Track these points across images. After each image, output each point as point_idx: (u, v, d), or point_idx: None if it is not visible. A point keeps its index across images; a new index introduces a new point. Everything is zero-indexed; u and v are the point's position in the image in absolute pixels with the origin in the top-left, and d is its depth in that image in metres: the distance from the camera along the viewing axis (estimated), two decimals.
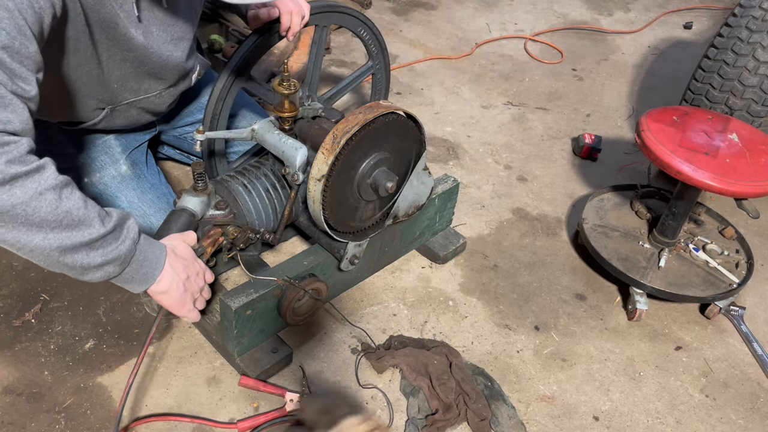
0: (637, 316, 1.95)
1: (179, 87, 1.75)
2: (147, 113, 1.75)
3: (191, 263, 1.42)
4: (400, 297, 1.98)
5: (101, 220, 1.19)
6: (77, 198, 1.16)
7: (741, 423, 1.73)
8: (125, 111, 1.67)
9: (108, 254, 1.20)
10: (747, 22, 2.26)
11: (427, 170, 1.79)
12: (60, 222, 1.12)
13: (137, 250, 1.26)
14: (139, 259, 1.27)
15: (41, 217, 1.10)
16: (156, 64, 1.57)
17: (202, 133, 1.58)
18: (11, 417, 1.56)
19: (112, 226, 1.20)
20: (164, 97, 1.72)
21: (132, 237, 1.25)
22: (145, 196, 1.76)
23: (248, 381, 1.64)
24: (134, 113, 1.71)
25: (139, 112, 1.72)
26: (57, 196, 1.12)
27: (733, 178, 1.73)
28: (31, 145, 1.13)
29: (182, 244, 1.44)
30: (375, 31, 2.00)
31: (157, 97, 1.70)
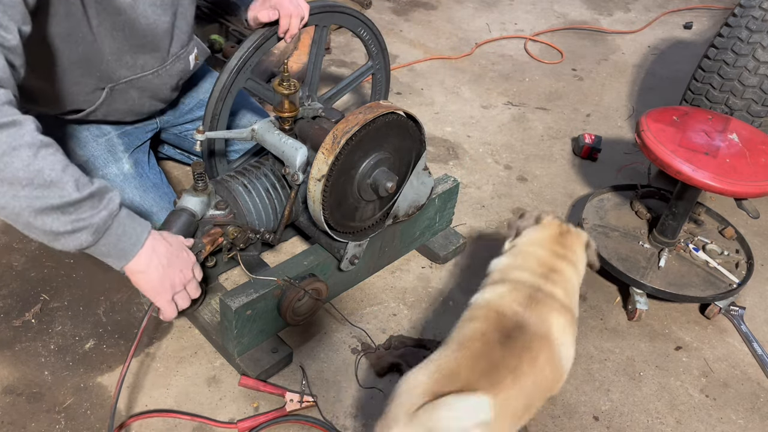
0: (637, 316, 1.95)
1: (176, 67, 1.73)
2: (148, 98, 1.74)
3: (178, 251, 1.35)
4: (400, 297, 1.98)
5: (77, 185, 1.13)
6: (55, 160, 1.11)
7: (741, 423, 1.73)
8: (124, 92, 1.66)
9: (80, 221, 1.14)
10: (747, 22, 2.26)
11: (427, 170, 1.79)
12: (31, 180, 1.07)
13: (115, 222, 1.20)
14: (117, 232, 1.21)
15: (12, 174, 1.05)
16: (145, 29, 1.55)
17: (202, 133, 1.58)
18: (11, 417, 1.56)
19: (88, 193, 1.15)
20: (162, 77, 1.71)
21: (110, 208, 1.19)
22: (146, 195, 1.76)
23: (248, 381, 1.64)
24: (135, 96, 1.70)
25: (139, 95, 1.71)
26: (32, 154, 1.07)
27: (733, 178, 1.73)
28: (9, 98, 1.08)
29: (173, 234, 1.40)
30: (375, 30, 2.00)
31: (155, 76, 1.68)
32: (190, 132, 2.06)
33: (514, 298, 1.34)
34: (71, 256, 1.99)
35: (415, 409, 1.13)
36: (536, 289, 1.36)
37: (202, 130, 1.57)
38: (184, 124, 2.05)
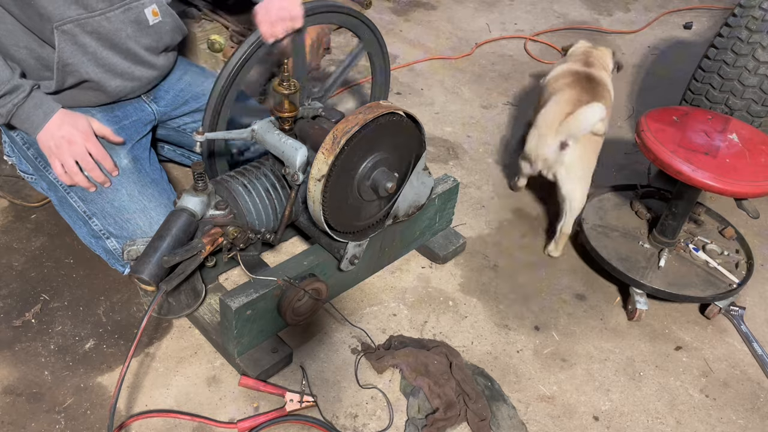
0: (637, 316, 1.95)
1: (128, 15, 1.71)
2: (108, 48, 1.71)
3: (74, 130, 1.67)
4: (400, 297, 1.98)
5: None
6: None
7: (741, 423, 1.73)
8: (77, 37, 1.64)
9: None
10: (747, 22, 2.26)
11: (427, 170, 1.79)
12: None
13: (19, 110, 1.62)
14: (21, 117, 1.64)
15: None
16: None
17: (202, 134, 1.58)
18: (11, 417, 1.56)
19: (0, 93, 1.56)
20: (113, 22, 1.68)
21: (15, 102, 1.60)
22: (145, 190, 1.76)
23: (248, 381, 1.64)
24: (92, 44, 1.68)
25: (97, 44, 1.69)
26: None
27: (733, 178, 1.73)
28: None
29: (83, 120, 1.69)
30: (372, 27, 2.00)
31: (103, 18, 1.66)
32: (190, 126, 2.06)
33: (576, 65, 2.28)
34: (71, 256, 1.99)
35: (557, 124, 2.03)
36: (586, 61, 2.31)
37: (201, 132, 1.57)
38: (181, 117, 2.04)
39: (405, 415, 1.65)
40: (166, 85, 1.98)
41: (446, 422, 1.62)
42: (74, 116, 1.69)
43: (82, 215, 1.75)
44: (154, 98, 1.96)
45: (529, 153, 2.14)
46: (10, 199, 2.15)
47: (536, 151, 2.09)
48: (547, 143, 2.04)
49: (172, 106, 2.00)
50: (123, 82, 1.81)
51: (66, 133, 1.66)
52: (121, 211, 1.72)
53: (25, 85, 1.62)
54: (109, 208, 1.72)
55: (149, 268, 1.45)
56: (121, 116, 1.86)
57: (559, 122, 2.01)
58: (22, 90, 1.61)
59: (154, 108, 1.96)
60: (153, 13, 1.78)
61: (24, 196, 2.14)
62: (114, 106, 1.86)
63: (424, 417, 1.63)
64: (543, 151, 2.06)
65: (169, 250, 1.48)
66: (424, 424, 1.61)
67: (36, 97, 1.64)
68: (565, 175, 2.05)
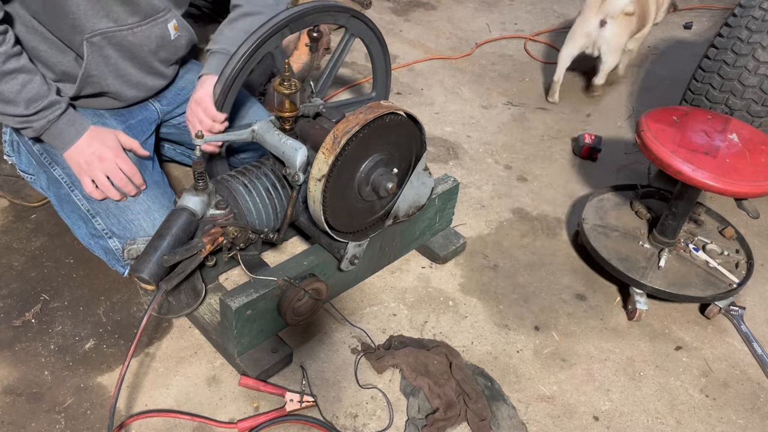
0: (637, 316, 1.95)
1: (153, 30, 1.75)
2: (129, 60, 1.74)
3: (104, 147, 1.68)
4: (400, 297, 1.98)
5: (27, 105, 1.57)
6: (14, 84, 1.54)
7: (741, 423, 1.73)
8: (102, 49, 1.67)
9: (24, 123, 1.61)
10: (747, 22, 2.26)
11: (428, 170, 1.79)
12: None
13: (52, 126, 1.64)
14: (54, 133, 1.65)
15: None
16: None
17: (201, 137, 1.57)
18: (11, 417, 1.56)
19: (35, 110, 1.59)
20: (138, 36, 1.72)
21: (49, 118, 1.62)
22: (149, 191, 1.77)
23: (248, 381, 1.64)
24: (114, 56, 1.71)
25: (119, 55, 1.72)
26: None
27: (733, 178, 1.73)
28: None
29: (112, 137, 1.71)
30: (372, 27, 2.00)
31: (130, 33, 1.70)
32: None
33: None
34: (71, 256, 1.99)
35: (598, 6, 2.75)
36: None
37: (201, 135, 1.57)
38: (183, 114, 2.05)
39: (405, 415, 1.65)
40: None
41: (446, 422, 1.62)
42: (103, 132, 1.71)
43: (84, 213, 1.75)
44: (157, 98, 1.97)
45: (575, 31, 2.87)
46: (10, 199, 2.15)
47: (582, 29, 2.83)
48: (590, 22, 2.79)
49: (174, 103, 2.01)
50: (137, 93, 1.86)
51: (96, 150, 1.68)
52: (124, 211, 1.72)
53: (61, 102, 1.64)
54: (113, 208, 1.72)
55: (149, 267, 1.45)
56: (127, 116, 1.88)
57: (599, 4, 2.75)
58: (58, 107, 1.63)
59: (158, 106, 1.97)
60: (174, 27, 1.82)
61: (24, 196, 2.14)
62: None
63: (424, 417, 1.63)
64: (588, 28, 2.81)
65: (170, 249, 1.48)
66: (424, 424, 1.61)
67: (69, 114, 1.66)
68: (605, 48, 2.84)
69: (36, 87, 1.58)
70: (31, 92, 1.57)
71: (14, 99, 1.56)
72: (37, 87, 1.58)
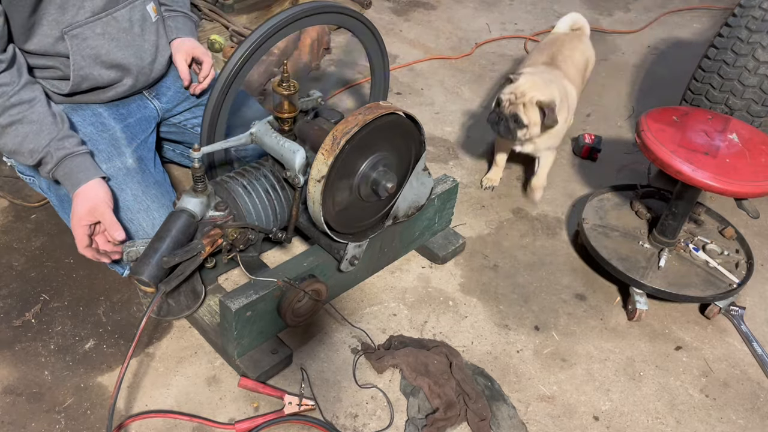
0: (637, 316, 1.95)
1: (133, 14, 1.74)
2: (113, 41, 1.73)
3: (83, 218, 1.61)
4: (400, 297, 1.98)
5: (31, 154, 1.61)
6: (15, 135, 1.58)
7: (741, 423, 1.73)
8: (87, 40, 1.66)
9: (28, 170, 1.74)
10: (747, 22, 2.26)
11: (427, 171, 1.79)
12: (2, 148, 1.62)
13: (51, 177, 1.65)
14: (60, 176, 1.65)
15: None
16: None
17: (198, 150, 1.54)
18: (11, 417, 1.56)
19: (39, 159, 1.62)
20: (120, 21, 1.71)
21: (48, 169, 1.63)
22: (149, 191, 1.77)
23: (248, 383, 1.64)
24: (102, 44, 1.70)
25: (106, 42, 1.71)
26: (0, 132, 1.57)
27: (733, 178, 1.73)
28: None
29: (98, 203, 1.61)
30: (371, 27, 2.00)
31: (111, 18, 1.69)
32: (190, 122, 2.08)
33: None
34: (71, 256, 1.99)
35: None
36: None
37: (198, 148, 1.54)
38: (182, 113, 2.05)
39: (405, 415, 1.65)
40: (167, 81, 1.99)
41: (446, 422, 1.62)
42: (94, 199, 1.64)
43: None
44: (156, 95, 1.97)
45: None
46: (10, 199, 2.15)
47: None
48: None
49: (174, 102, 2.02)
50: (133, 81, 1.84)
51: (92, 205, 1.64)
52: (124, 211, 1.72)
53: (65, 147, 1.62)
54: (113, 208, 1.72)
55: (149, 269, 1.45)
56: (125, 114, 1.88)
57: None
58: (63, 151, 1.62)
59: (157, 105, 1.97)
60: (153, 10, 1.83)
61: (24, 196, 2.15)
62: (118, 103, 1.87)
63: (424, 417, 1.63)
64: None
65: (169, 251, 1.48)
66: (424, 424, 1.61)
67: (76, 160, 1.64)
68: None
69: (35, 137, 1.59)
70: (32, 144, 1.59)
71: (17, 150, 1.61)
72: (37, 137, 1.59)
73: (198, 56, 1.97)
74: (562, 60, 2.39)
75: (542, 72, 2.26)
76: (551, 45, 2.49)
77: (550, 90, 2.13)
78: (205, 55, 1.98)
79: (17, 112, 1.57)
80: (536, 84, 2.12)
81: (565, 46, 2.47)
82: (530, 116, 2.11)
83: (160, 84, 1.98)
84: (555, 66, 2.34)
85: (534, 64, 2.38)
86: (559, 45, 2.47)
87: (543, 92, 2.10)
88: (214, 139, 1.82)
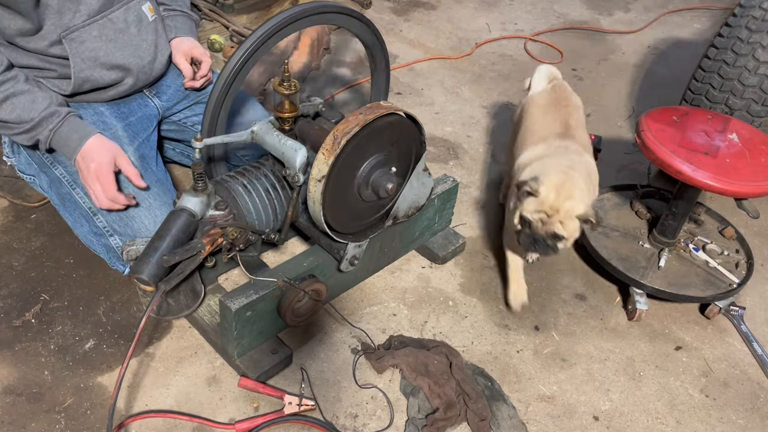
0: (637, 316, 1.95)
1: (129, 15, 1.75)
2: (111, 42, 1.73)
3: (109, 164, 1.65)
4: (400, 297, 1.98)
5: (29, 123, 1.62)
6: (13, 109, 1.60)
7: (741, 423, 1.73)
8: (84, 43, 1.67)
9: (31, 139, 1.66)
10: (747, 22, 2.26)
11: (427, 171, 1.79)
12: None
13: (55, 135, 1.66)
14: (59, 142, 1.67)
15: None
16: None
17: (201, 140, 1.56)
18: (11, 417, 1.56)
19: (29, 127, 1.63)
20: (116, 23, 1.72)
21: (49, 127, 1.64)
22: (151, 189, 1.77)
23: (248, 383, 1.64)
24: (100, 46, 1.71)
25: (104, 44, 1.71)
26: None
27: (733, 178, 1.73)
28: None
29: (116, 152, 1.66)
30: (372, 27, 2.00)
31: (108, 21, 1.70)
32: (190, 120, 2.08)
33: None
34: (71, 256, 1.99)
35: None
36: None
37: (200, 138, 1.56)
38: (183, 111, 2.06)
39: (405, 415, 1.65)
40: (167, 80, 2.00)
41: (446, 422, 1.62)
42: (107, 143, 1.70)
43: (86, 211, 1.75)
44: (156, 93, 1.98)
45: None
46: (10, 199, 2.15)
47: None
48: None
49: (174, 100, 2.02)
50: (133, 80, 1.84)
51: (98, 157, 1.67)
52: (126, 209, 1.72)
53: (60, 112, 1.66)
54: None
55: (149, 268, 1.45)
56: (127, 112, 1.88)
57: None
58: (57, 116, 1.65)
59: (157, 103, 1.98)
60: (149, 9, 1.82)
61: (24, 196, 2.14)
62: (120, 101, 1.87)
63: (424, 417, 1.63)
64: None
65: (169, 250, 1.48)
66: (424, 424, 1.61)
67: (71, 122, 1.67)
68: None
69: (26, 104, 1.61)
70: (30, 113, 1.62)
71: (18, 119, 1.62)
72: (28, 104, 1.62)
73: (197, 56, 1.97)
74: (575, 126, 2.00)
75: (558, 155, 1.86)
76: (554, 109, 2.06)
77: (580, 189, 1.74)
78: (204, 55, 1.98)
79: (7, 88, 1.60)
80: (563, 189, 1.71)
81: (568, 107, 2.07)
82: (569, 229, 1.73)
83: (160, 82, 1.98)
84: (569, 136, 1.94)
85: (546, 138, 1.95)
86: (563, 107, 2.06)
87: (576, 198, 1.71)
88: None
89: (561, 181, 1.72)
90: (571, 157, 1.85)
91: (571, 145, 1.91)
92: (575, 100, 2.14)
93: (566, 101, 2.09)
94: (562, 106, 2.07)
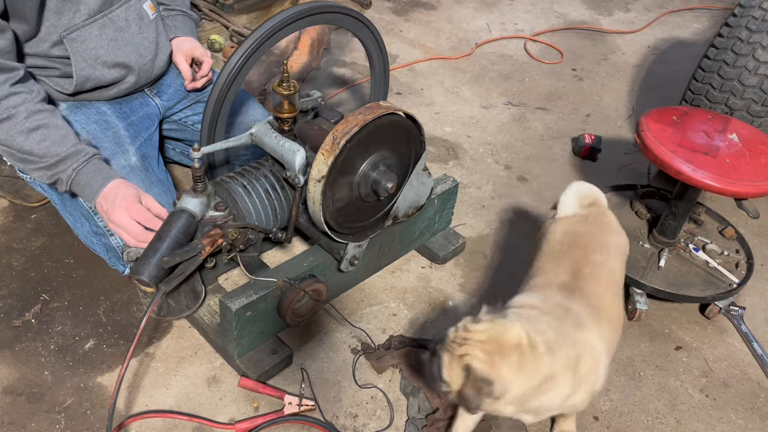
0: (637, 316, 1.95)
1: (129, 13, 1.75)
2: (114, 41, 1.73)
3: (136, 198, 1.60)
4: (400, 297, 1.98)
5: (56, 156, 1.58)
6: (42, 140, 1.57)
7: (741, 423, 1.73)
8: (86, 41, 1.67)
9: (52, 177, 1.62)
10: (747, 22, 2.26)
11: (427, 171, 1.79)
12: (18, 154, 1.59)
13: (77, 175, 1.61)
14: (81, 183, 1.62)
15: (9, 144, 1.57)
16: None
17: (198, 150, 1.54)
18: (11, 417, 1.57)
19: (53, 162, 1.59)
20: (116, 21, 1.72)
21: (73, 166, 1.60)
22: (151, 189, 1.77)
23: (248, 383, 1.64)
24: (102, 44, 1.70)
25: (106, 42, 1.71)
26: (24, 138, 1.56)
27: (733, 178, 1.73)
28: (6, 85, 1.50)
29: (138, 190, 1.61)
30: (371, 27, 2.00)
31: (108, 20, 1.70)
32: (191, 119, 2.08)
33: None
34: (71, 256, 1.99)
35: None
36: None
37: (198, 148, 1.53)
38: (183, 110, 2.06)
39: (405, 415, 1.65)
40: (168, 79, 2.00)
41: (446, 422, 1.62)
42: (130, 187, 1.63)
43: (87, 211, 1.75)
44: (157, 92, 1.98)
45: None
46: (10, 199, 2.15)
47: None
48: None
49: (175, 99, 2.02)
50: (135, 78, 1.84)
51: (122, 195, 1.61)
52: None
53: (87, 151, 1.62)
54: None
55: (149, 269, 1.45)
56: (128, 112, 1.89)
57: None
58: (84, 155, 1.61)
59: (158, 102, 1.98)
60: (150, 7, 1.82)
61: (24, 196, 2.14)
62: (121, 100, 1.88)
63: (424, 417, 1.63)
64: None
65: (169, 251, 1.48)
66: (424, 424, 1.61)
67: (95, 163, 1.63)
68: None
69: (57, 137, 1.58)
70: (58, 147, 1.58)
71: (44, 153, 1.58)
72: (59, 138, 1.59)
73: (197, 57, 1.97)
74: (589, 277, 1.48)
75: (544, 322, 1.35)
76: (569, 248, 1.57)
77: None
78: (204, 55, 1.98)
79: (43, 117, 1.58)
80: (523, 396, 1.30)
81: (589, 248, 1.55)
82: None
83: (161, 82, 1.99)
84: (576, 292, 1.45)
85: (545, 286, 1.50)
86: (579, 248, 1.56)
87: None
88: (214, 139, 1.82)
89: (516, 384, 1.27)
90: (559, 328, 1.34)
91: (574, 307, 1.40)
92: (609, 240, 1.59)
93: (590, 239, 1.58)
94: (580, 246, 1.56)
